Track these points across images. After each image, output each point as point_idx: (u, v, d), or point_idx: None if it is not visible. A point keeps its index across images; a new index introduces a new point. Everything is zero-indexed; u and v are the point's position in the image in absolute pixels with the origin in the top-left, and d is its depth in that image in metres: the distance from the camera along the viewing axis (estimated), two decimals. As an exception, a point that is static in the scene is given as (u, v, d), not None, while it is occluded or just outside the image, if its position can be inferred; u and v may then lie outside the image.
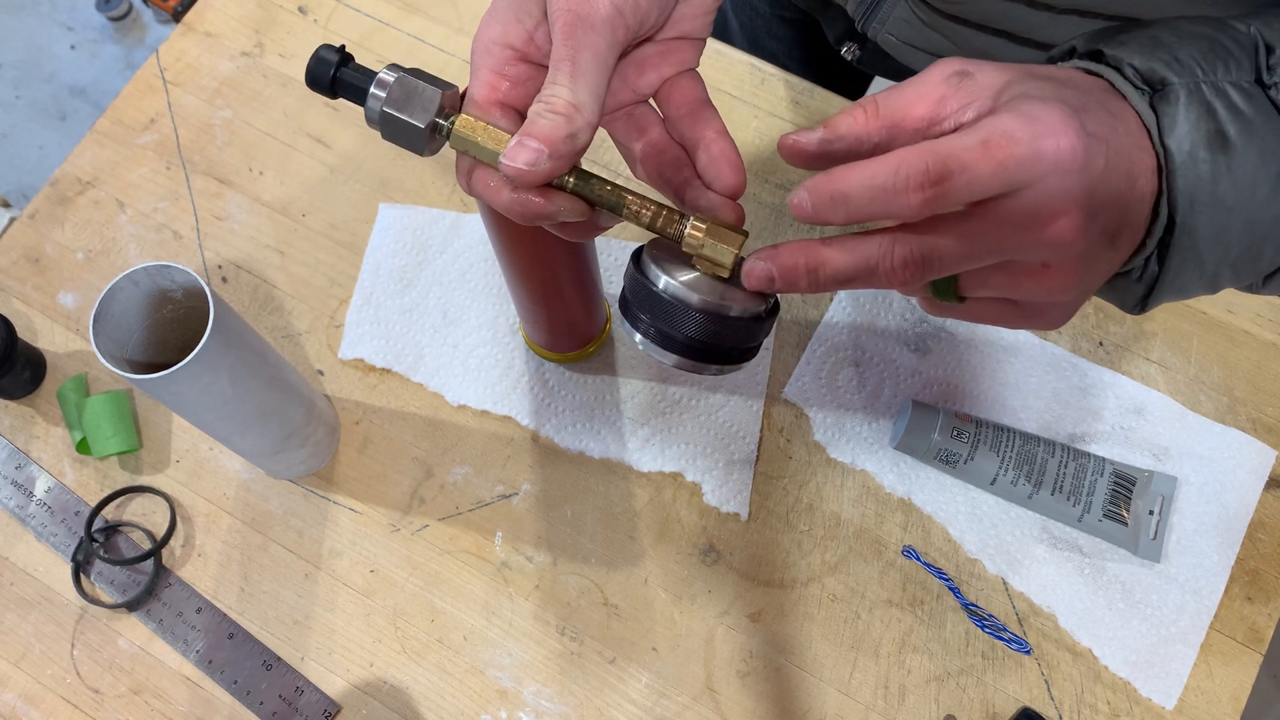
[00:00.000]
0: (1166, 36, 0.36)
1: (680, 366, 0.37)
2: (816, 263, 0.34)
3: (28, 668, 0.60)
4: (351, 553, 0.62)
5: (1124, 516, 0.60)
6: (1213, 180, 0.34)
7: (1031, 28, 0.54)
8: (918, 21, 0.60)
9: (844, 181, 0.32)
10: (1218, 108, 0.34)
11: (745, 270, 0.35)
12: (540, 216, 0.36)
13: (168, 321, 0.52)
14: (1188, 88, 0.34)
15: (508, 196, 0.36)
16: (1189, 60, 0.35)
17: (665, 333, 0.37)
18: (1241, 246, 0.35)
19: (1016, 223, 0.32)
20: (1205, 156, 0.34)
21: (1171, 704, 0.58)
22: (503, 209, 0.37)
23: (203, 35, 0.75)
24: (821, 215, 0.33)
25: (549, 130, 0.35)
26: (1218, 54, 0.36)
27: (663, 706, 0.58)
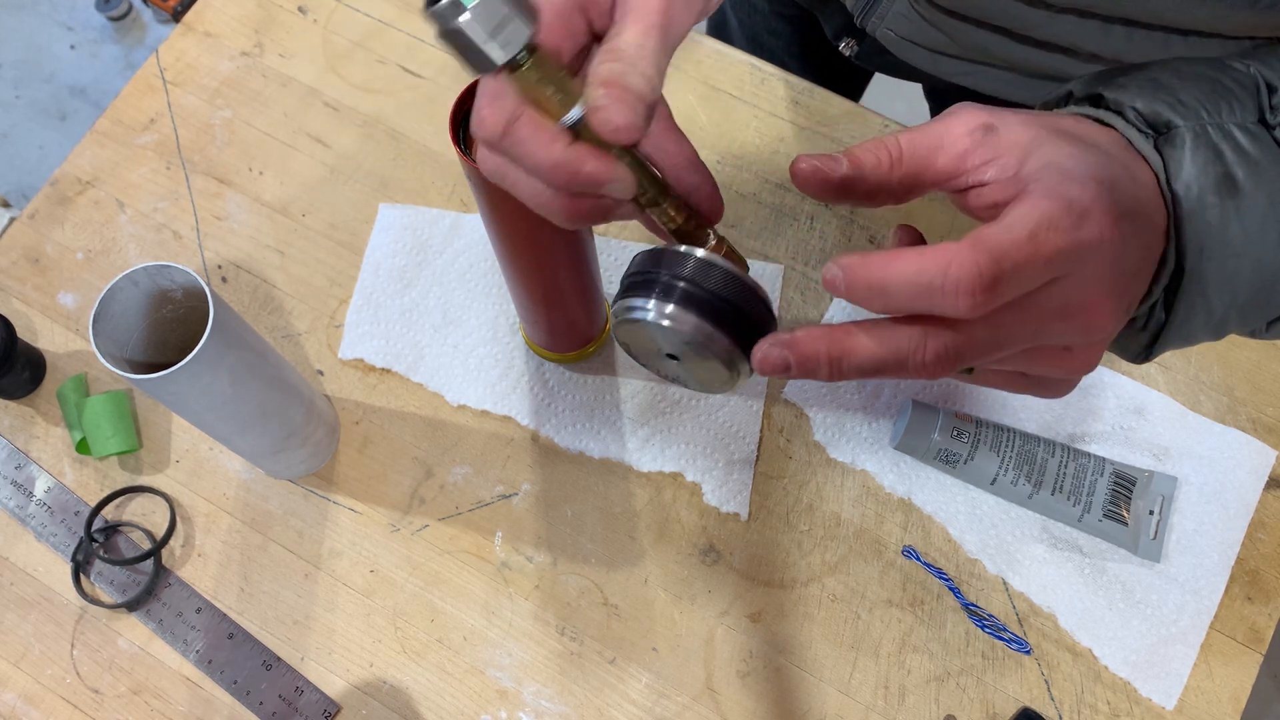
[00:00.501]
0: (1167, 78, 0.35)
1: (694, 337, 0.34)
2: (840, 352, 0.32)
3: (27, 668, 0.60)
4: (351, 553, 0.62)
5: (1124, 516, 0.60)
6: (1222, 225, 0.33)
7: (1029, 25, 0.54)
8: (916, 17, 0.60)
9: (884, 272, 0.30)
10: (1225, 150, 0.34)
11: (758, 357, 0.33)
12: (591, 181, 0.33)
13: (168, 321, 0.52)
14: (1194, 130, 0.34)
15: (560, 153, 0.32)
16: (1193, 102, 0.34)
17: (687, 292, 0.34)
18: (1250, 291, 0.34)
19: (1052, 313, 0.31)
20: (1214, 201, 0.33)
21: (1171, 704, 0.58)
22: (549, 162, 0.32)
23: (202, 35, 0.75)
24: (855, 299, 0.31)
25: (642, 90, 0.32)
26: (1220, 95, 0.35)
27: (663, 706, 0.58)
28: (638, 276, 0.36)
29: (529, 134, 0.32)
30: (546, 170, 0.33)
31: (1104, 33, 0.52)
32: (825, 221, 0.69)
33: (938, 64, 0.64)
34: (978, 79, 0.64)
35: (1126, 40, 0.52)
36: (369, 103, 0.72)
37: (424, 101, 0.73)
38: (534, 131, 0.32)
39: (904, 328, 0.31)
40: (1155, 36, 0.51)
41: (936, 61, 0.64)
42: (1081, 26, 0.52)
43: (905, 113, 0.94)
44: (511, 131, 0.33)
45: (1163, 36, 0.51)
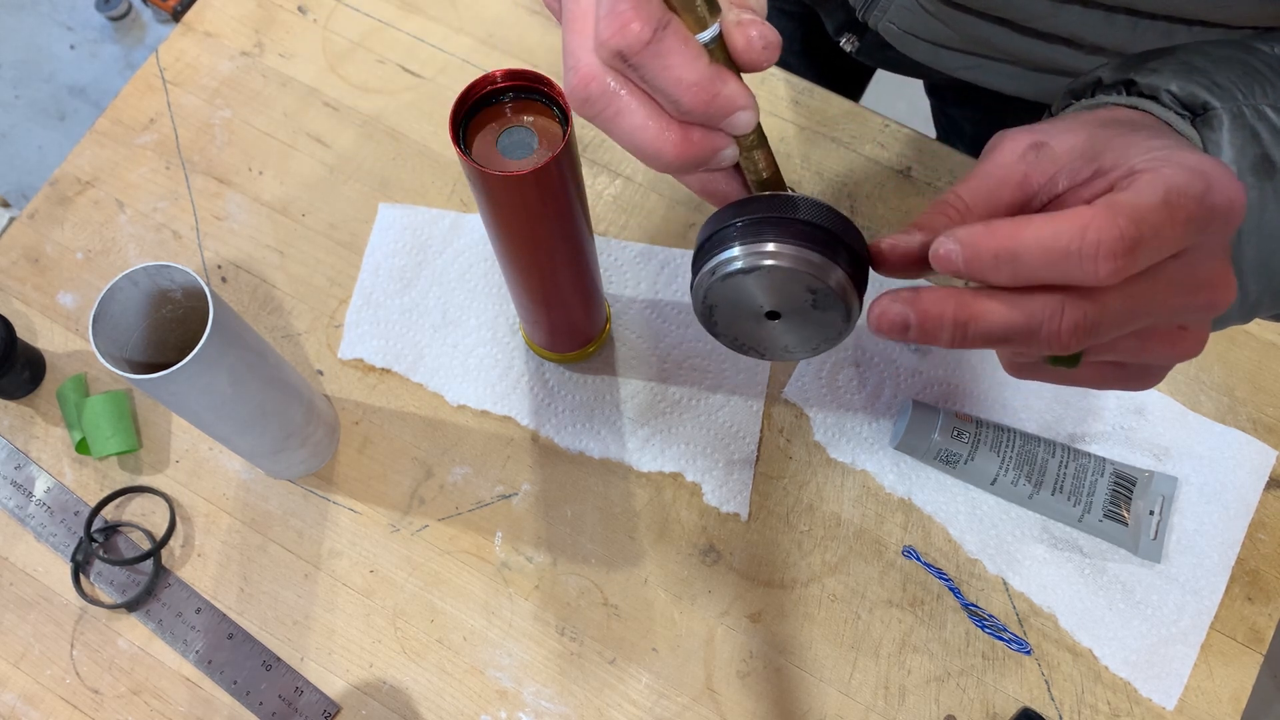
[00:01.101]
0: (1199, 61, 0.35)
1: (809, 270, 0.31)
2: (968, 316, 0.30)
3: (27, 668, 0.60)
4: (351, 553, 0.62)
5: (1124, 516, 0.60)
6: (1260, 207, 0.33)
7: (1033, 17, 0.54)
8: (919, 9, 0.60)
9: (1014, 239, 0.28)
10: (1261, 132, 0.33)
11: (876, 312, 0.31)
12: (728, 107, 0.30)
13: (167, 321, 0.52)
14: (1231, 112, 0.33)
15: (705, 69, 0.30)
16: (1228, 84, 0.34)
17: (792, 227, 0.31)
18: None
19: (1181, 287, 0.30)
20: (1253, 183, 0.33)
21: (1172, 704, 0.58)
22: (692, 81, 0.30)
23: (202, 35, 0.75)
24: (977, 273, 0.29)
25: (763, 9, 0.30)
26: (1253, 77, 0.34)
27: (663, 707, 0.58)
28: (727, 229, 0.33)
29: (677, 45, 0.29)
30: (686, 87, 0.30)
31: (1108, 23, 0.52)
32: (825, 221, 0.69)
33: (939, 58, 0.64)
34: (980, 73, 0.64)
35: (1130, 31, 0.52)
36: (369, 102, 0.72)
37: (424, 101, 0.73)
38: (683, 43, 0.29)
39: (1039, 294, 0.29)
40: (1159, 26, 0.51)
41: (938, 55, 0.64)
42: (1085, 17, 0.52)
43: (906, 112, 0.94)
44: (660, 40, 0.29)
45: (1166, 27, 0.51)
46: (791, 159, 0.70)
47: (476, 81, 0.43)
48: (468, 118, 0.44)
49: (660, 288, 0.67)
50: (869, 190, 0.69)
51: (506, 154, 0.43)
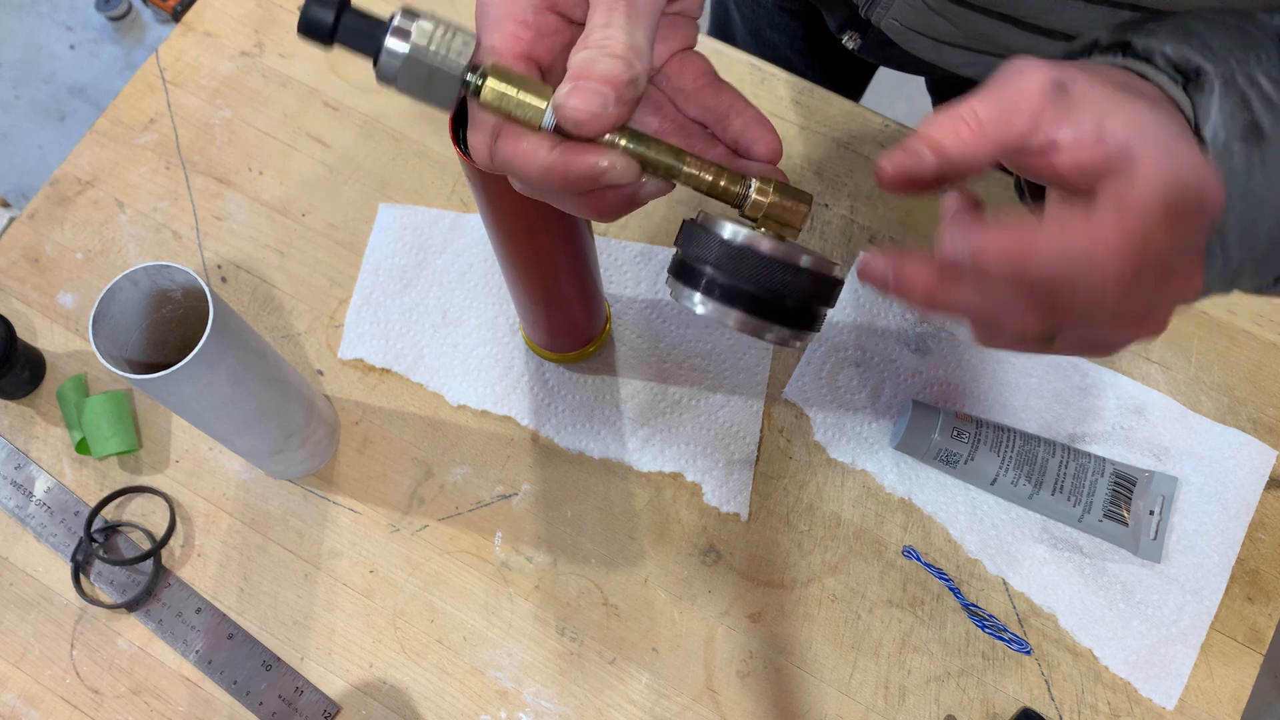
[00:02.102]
0: (1196, 25, 0.35)
1: (742, 326, 0.33)
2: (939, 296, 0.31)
3: (27, 668, 0.60)
4: (351, 553, 0.62)
5: (1124, 517, 0.60)
6: (1246, 173, 0.33)
7: (1035, 12, 0.54)
8: (921, 5, 0.60)
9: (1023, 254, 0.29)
10: (1252, 99, 0.33)
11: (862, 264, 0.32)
12: (585, 178, 0.32)
13: (167, 321, 0.52)
14: (1223, 77, 0.33)
15: (545, 158, 0.32)
16: (1221, 49, 0.34)
17: (731, 286, 0.33)
18: (1268, 242, 0.34)
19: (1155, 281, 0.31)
20: (1240, 149, 0.33)
21: (1172, 704, 0.58)
22: (539, 173, 0.32)
23: (202, 35, 0.75)
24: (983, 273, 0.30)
25: (610, 73, 0.31)
26: (1248, 43, 0.34)
27: (663, 707, 0.58)
28: (688, 259, 0.35)
29: (510, 150, 0.32)
30: (539, 181, 0.32)
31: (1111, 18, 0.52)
32: (825, 222, 0.69)
33: (942, 54, 0.64)
34: (982, 69, 0.63)
35: None
36: (369, 102, 0.72)
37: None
38: (514, 146, 0.32)
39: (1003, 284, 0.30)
40: None
41: (941, 52, 0.63)
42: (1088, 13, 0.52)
43: (906, 112, 0.94)
44: (496, 152, 0.32)
45: None
46: (792, 159, 0.70)
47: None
48: (467, 118, 0.43)
49: (660, 288, 0.67)
50: (869, 190, 0.69)
51: (506, 154, 0.43)
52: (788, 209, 0.34)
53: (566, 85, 0.31)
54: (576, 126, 0.31)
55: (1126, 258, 0.28)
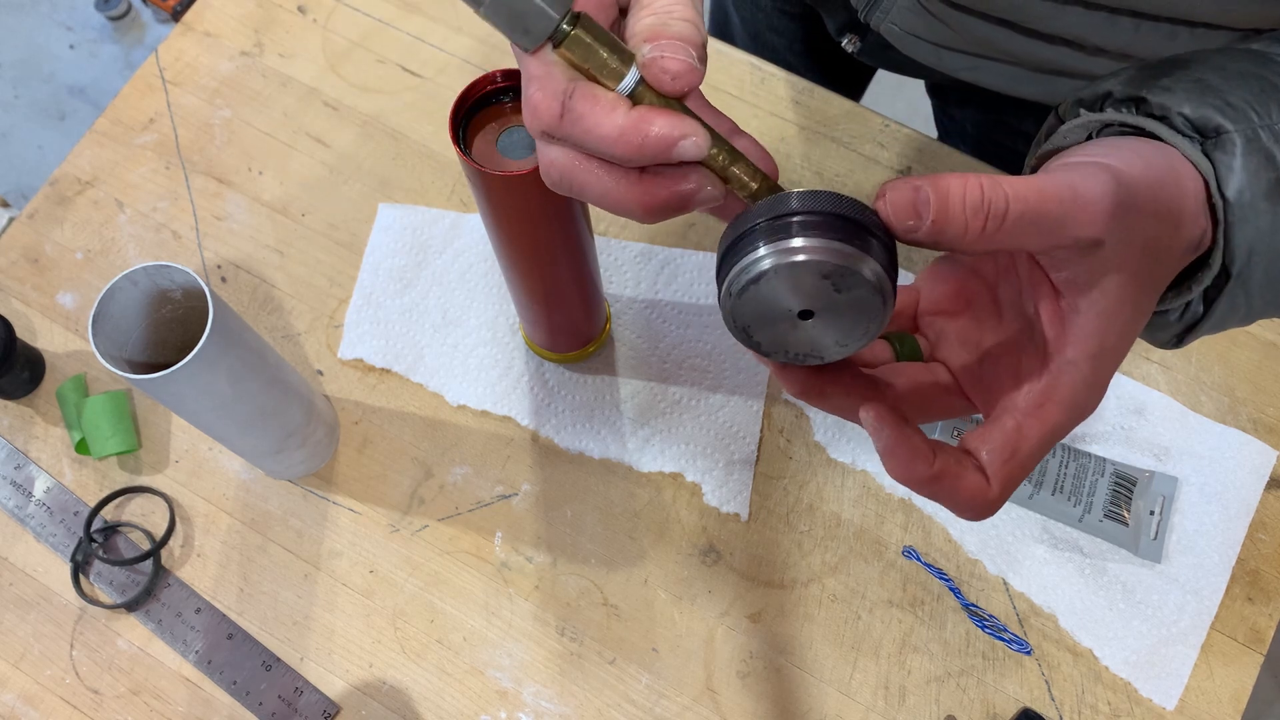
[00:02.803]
0: (1213, 79, 0.34)
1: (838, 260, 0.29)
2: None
3: (27, 668, 0.60)
4: (351, 553, 0.62)
5: (1124, 517, 0.60)
6: (1272, 231, 0.32)
7: (1034, 18, 0.54)
8: (921, 10, 0.60)
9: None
10: (1276, 154, 0.33)
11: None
12: (663, 143, 0.30)
13: (167, 321, 0.52)
14: (1245, 135, 0.33)
15: (623, 119, 0.30)
16: (1241, 104, 0.33)
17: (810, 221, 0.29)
18: None
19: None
20: (1266, 207, 0.32)
21: (1172, 704, 0.58)
22: (615, 134, 0.30)
23: (202, 35, 0.75)
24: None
25: (688, 33, 0.30)
26: (1269, 94, 0.34)
27: (663, 707, 0.58)
28: (744, 235, 0.31)
29: (587, 106, 0.30)
30: (613, 141, 0.30)
31: (1110, 25, 0.52)
32: (825, 221, 0.69)
33: (941, 59, 0.64)
34: (981, 74, 0.63)
35: (1133, 32, 0.52)
36: (369, 102, 0.72)
37: (424, 101, 0.73)
38: (592, 103, 0.30)
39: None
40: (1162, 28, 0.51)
41: (940, 56, 0.63)
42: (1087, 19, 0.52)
43: (906, 112, 0.94)
44: (569, 109, 0.30)
45: (1169, 29, 0.51)
46: (791, 159, 0.70)
47: (476, 81, 0.43)
48: (468, 118, 0.44)
49: (660, 288, 0.67)
50: (869, 190, 0.69)
51: (506, 154, 0.43)
52: None
53: (654, 49, 0.30)
54: (672, 81, 0.30)
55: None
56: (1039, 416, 0.32)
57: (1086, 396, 0.32)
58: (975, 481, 0.32)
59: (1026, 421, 0.32)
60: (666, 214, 0.32)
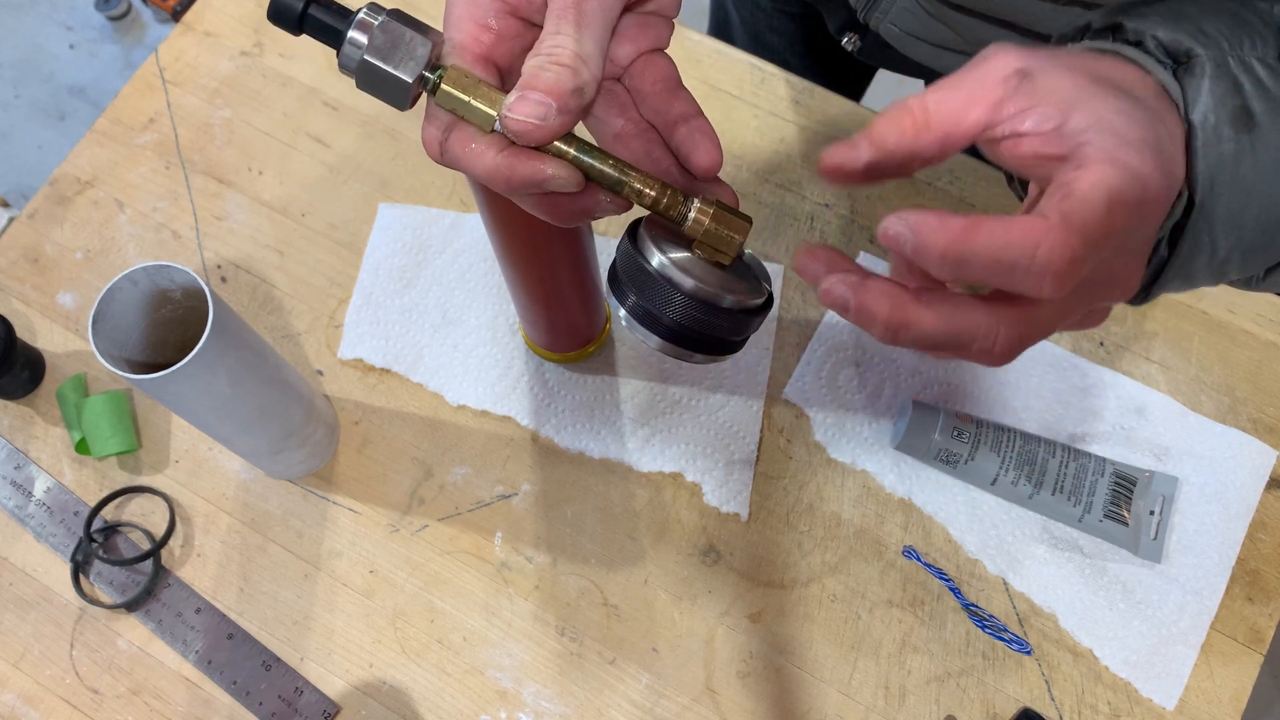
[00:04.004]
0: (1189, 9, 0.34)
1: (663, 350, 0.35)
2: (901, 321, 0.30)
3: (27, 668, 0.60)
4: (351, 553, 0.62)
5: (1124, 517, 0.60)
6: (1236, 159, 0.32)
7: (1035, 19, 0.54)
8: (921, 11, 0.60)
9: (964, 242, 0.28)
10: (1244, 83, 0.33)
11: (824, 288, 0.31)
12: (528, 183, 0.33)
13: (167, 321, 0.52)
14: (1214, 60, 0.33)
15: (491, 160, 0.33)
16: (1214, 32, 0.33)
17: (651, 313, 0.35)
18: (1256, 232, 0.34)
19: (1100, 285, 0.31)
20: (1229, 134, 0.32)
21: (1172, 704, 0.58)
22: (484, 174, 0.33)
23: (202, 35, 0.75)
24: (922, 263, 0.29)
25: (554, 83, 0.31)
26: (1243, 28, 0.34)
27: (663, 707, 0.58)
28: (616, 270, 0.37)
29: (459, 149, 0.33)
30: (485, 179, 0.33)
31: None
32: (825, 222, 0.69)
33: (941, 59, 0.64)
34: None
35: None
36: (369, 102, 0.72)
37: (424, 101, 0.72)
38: (462, 145, 0.33)
39: (977, 310, 0.30)
40: None
41: (940, 56, 0.63)
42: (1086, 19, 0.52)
43: (905, 112, 0.94)
44: (447, 148, 0.34)
45: None
46: (792, 159, 0.70)
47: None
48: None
49: (660, 288, 0.67)
50: (869, 190, 0.69)
51: (506, 154, 0.43)
52: (723, 237, 0.34)
53: (514, 94, 0.32)
54: (519, 136, 0.32)
55: (1068, 260, 0.28)
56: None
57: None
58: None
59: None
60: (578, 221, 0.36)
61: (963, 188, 0.69)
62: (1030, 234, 0.28)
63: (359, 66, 0.32)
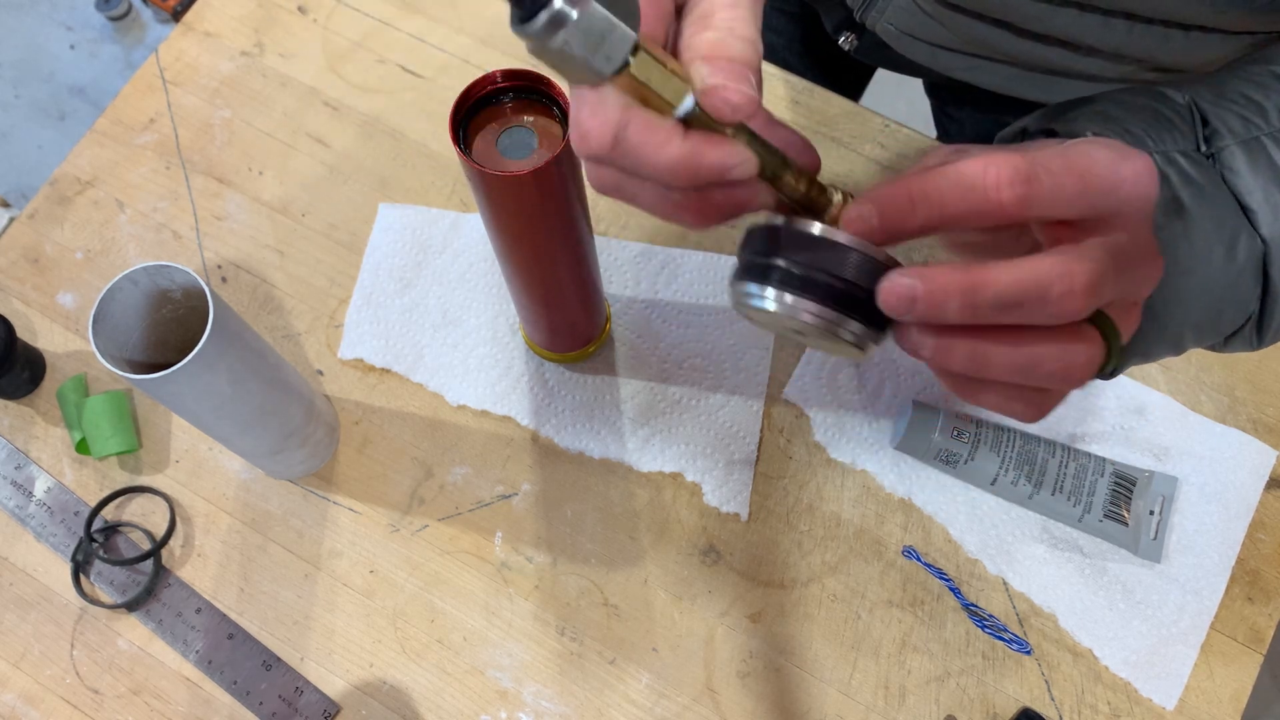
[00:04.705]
0: (1113, 110, 0.37)
1: (818, 319, 0.32)
2: (976, 282, 0.29)
3: (27, 668, 0.60)
4: (351, 553, 0.62)
5: (1124, 517, 0.60)
6: (1172, 245, 0.34)
7: (1030, 19, 0.54)
8: (917, 10, 0.60)
9: (923, 184, 0.29)
10: (1171, 176, 0.35)
11: (884, 288, 0.30)
12: (716, 170, 0.30)
13: (167, 321, 0.52)
14: None
15: (678, 149, 0.30)
16: (1139, 132, 0.36)
17: (811, 279, 0.31)
18: (1201, 309, 0.36)
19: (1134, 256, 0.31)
20: (1163, 222, 0.35)
21: (1172, 704, 0.58)
22: (669, 164, 0.30)
23: (202, 35, 0.75)
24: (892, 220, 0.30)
25: (744, 55, 0.30)
26: (1163, 125, 0.37)
27: (663, 707, 0.58)
28: (758, 259, 0.33)
29: (642, 138, 0.30)
30: (667, 172, 0.30)
31: (1105, 27, 0.52)
32: (825, 221, 0.69)
33: (938, 58, 0.64)
34: (978, 73, 0.64)
35: (1127, 34, 0.52)
36: (369, 102, 0.72)
37: (424, 101, 0.73)
38: (647, 135, 0.30)
39: (1048, 257, 0.29)
40: (1155, 31, 0.51)
41: (936, 56, 0.63)
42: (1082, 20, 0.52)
43: (906, 112, 0.94)
44: (622, 139, 0.30)
45: (1162, 31, 0.51)
46: (791, 159, 0.70)
47: (476, 81, 0.43)
48: (468, 118, 0.44)
49: (660, 288, 0.67)
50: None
51: (506, 154, 0.43)
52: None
53: (706, 67, 0.30)
54: (732, 112, 0.29)
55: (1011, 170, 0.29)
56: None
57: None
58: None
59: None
60: (718, 222, 0.33)
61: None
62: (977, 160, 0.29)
63: (569, 32, 0.27)
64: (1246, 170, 0.35)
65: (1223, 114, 0.37)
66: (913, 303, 0.29)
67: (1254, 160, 0.36)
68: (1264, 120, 0.36)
